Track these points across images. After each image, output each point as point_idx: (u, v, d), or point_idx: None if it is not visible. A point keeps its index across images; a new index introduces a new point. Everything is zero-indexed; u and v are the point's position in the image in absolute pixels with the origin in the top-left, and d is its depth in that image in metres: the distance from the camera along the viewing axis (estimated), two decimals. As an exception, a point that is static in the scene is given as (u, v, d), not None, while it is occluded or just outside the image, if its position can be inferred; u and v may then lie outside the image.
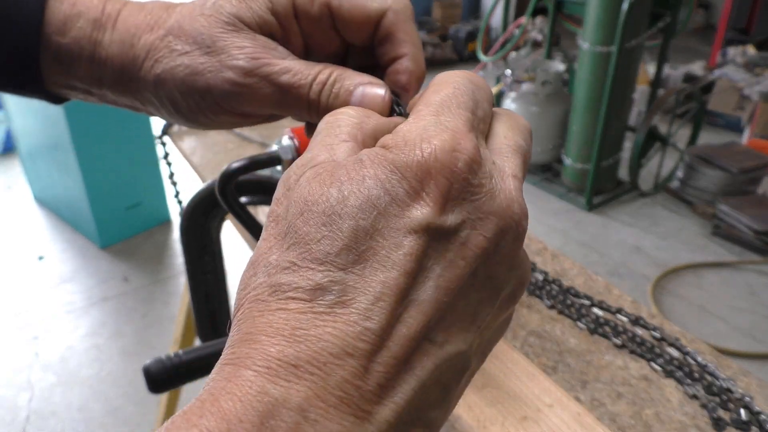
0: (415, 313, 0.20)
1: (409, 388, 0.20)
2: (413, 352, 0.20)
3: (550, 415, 0.52)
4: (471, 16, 6.59)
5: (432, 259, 0.21)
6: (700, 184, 3.18)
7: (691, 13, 3.27)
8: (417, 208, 0.21)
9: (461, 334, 0.21)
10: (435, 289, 0.21)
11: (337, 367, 0.19)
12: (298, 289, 0.20)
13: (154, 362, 0.56)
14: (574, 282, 0.78)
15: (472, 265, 0.21)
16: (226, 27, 0.31)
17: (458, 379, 0.22)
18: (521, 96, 3.35)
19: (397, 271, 0.20)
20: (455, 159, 0.21)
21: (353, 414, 0.19)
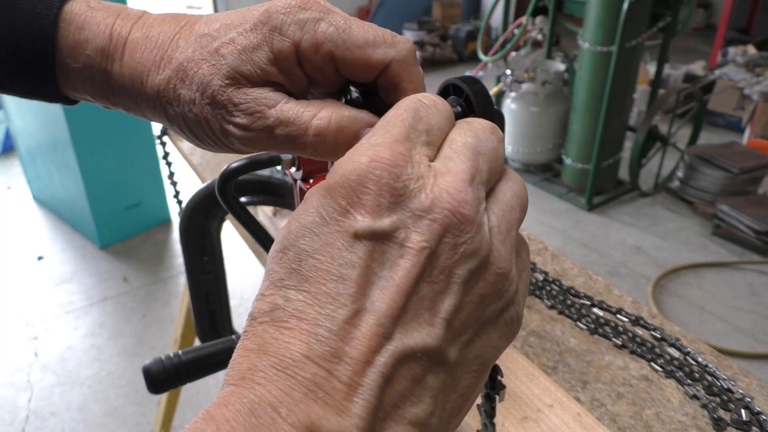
0: (366, 315, 0.22)
1: (375, 384, 0.21)
2: (371, 351, 0.22)
3: (551, 416, 0.52)
4: (471, 16, 6.59)
5: (375, 262, 0.23)
6: (701, 184, 3.18)
7: (691, 13, 3.27)
8: (349, 219, 0.23)
9: (422, 328, 0.22)
10: (382, 290, 0.22)
11: (300, 369, 0.21)
12: (263, 312, 0.23)
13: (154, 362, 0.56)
14: (575, 282, 0.78)
15: (415, 262, 0.22)
16: (225, 80, 0.32)
17: (436, 374, 0.23)
18: (521, 96, 3.35)
19: (340, 281, 0.22)
20: (374, 168, 0.23)
21: (325, 407, 0.21)
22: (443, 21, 6.18)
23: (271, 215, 0.85)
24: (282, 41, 0.31)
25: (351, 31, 0.30)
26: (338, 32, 0.30)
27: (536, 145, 3.42)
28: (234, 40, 0.32)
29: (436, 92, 0.54)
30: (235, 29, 0.32)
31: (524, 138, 3.41)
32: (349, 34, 0.30)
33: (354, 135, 0.31)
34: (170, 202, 3.02)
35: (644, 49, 3.31)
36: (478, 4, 6.65)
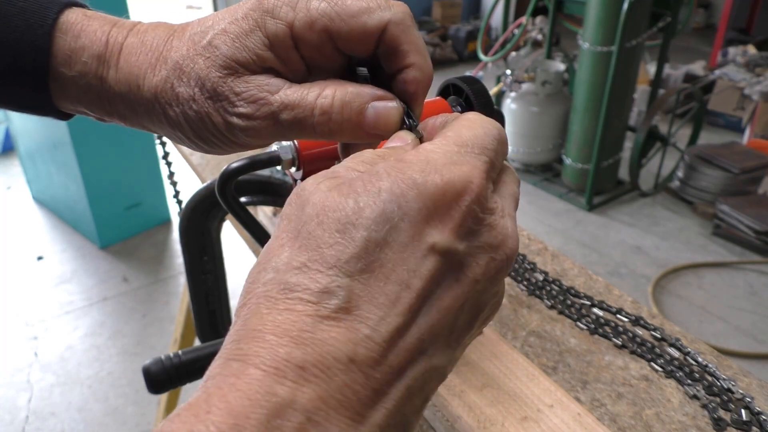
0: (414, 328, 0.22)
1: (399, 395, 0.21)
2: (408, 362, 0.22)
3: (551, 416, 0.52)
4: (471, 16, 6.58)
5: (439, 281, 0.23)
6: (701, 184, 3.17)
7: (691, 13, 3.26)
8: (433, 230, 0.22)
9: (447, 350, 0.23)
10: (432, 307, 0.22)
11: (341, 372, 0.20)
12: (306, 290, 0.21)
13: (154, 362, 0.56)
14: (575, 282, 0.78)
15: (467, 291, 0.23)
16: (223, 71, 0.31)
17: (435, 389, 0.24)
18: (521, 96, 3.35)
19: (404, 288, 0.22)
20: (470, 191, 0.23)
21: (350, 417, 0.20)
22: (443, 21, 6.18)
23: (271, 215, 0.85)
24: (275, 24, 0.31)
25: (344, 2, 0.30)
26: (331, 6, 0.30)
27: (536, 145, 3.42)
28: (226, 30, 0.31)
29: (436, 92, 0.54)
30: (226, 20, 0.32)
31: (524, 138, 3.41)
32: (342, 6, 0.30)
33: (359, 111, 0.30)
34: (170, 202, 3.02)
35: (644, 49, 3.31)
36: (478, 4, 6.65)
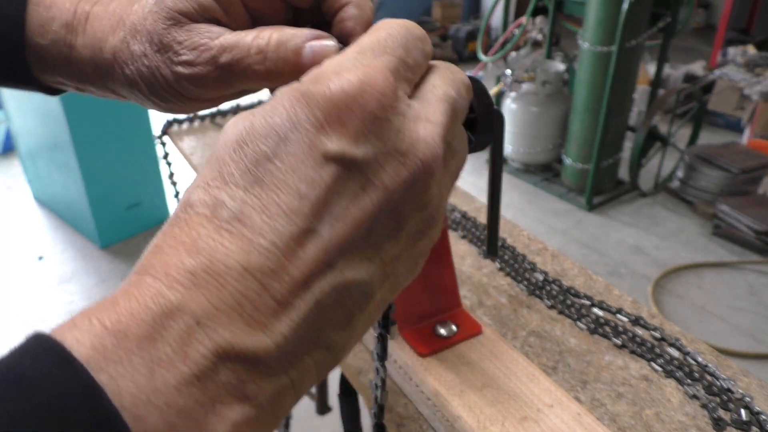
0: (316, 239, 0.21)
1: (307, 308, 0.21)
2: (312, 274, 0.21)
3: (551, 416, 0.52)
4: (471, 16, 6.59)
5: (336, 189, 0.22)
6: (701, 184, 3.17)
7: (691, 13, 3.26)
8: (326, 138, 0.22)
9: (363, 264, 0.22)
10: (337, 219, 0.22)
11: (233, 280, 0.20)
12: (203, 204, 0.22)
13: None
14: (574, 282, 0.78)
15: (375, 200, 0.22)
16: (167, 22, 0.33)
17: (361, 306, 0.23)
18: (521, 96, 3.35)
19: (296, 196, 0.21)
20: (364, 93, 0.22)
21: (246, 323, 0.20)
22: (443, 21, 6.18)
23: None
24: None
25: None
26: None
27: (536, 145, 3.42)
28: None
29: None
30: None
31: (524, 138, 3.41)
32: None
33: (296, 50, 0.30)
34: (170, 202, 3.02)
35: (644, 49, 3.31)
36: (478, 4, 6.65)
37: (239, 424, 0.20)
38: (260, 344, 0.20)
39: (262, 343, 0.20)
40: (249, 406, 0.20)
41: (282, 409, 0.22)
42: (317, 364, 0.22)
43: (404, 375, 0.59)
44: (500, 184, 0.63)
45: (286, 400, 0.22)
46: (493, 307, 0.73)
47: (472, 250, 0.84)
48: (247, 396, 0.20)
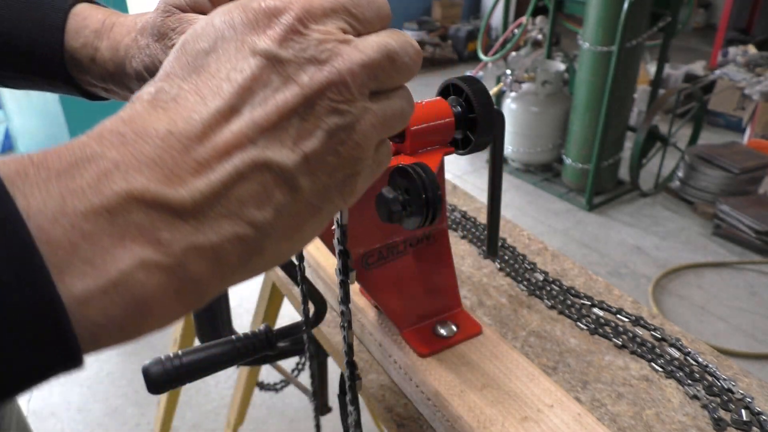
0: (240, 117, 0.24)
1: (225, 173, 0.23)
2: (234, 146, 0.24)
3: (551, 416, 0.52)
4: (471, 15, 6.58)
5: (261, 79, 0.25)
6: (701, 184, 3.17)
7: (691, 13, 3.26)
8: (256, 37, 0.25)
9: (284, 150, 0.25)
10: (260, 103, 0.25)
11: (158, 139, 0.23)
12: (148, 93, 0.25)
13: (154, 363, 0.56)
14: (575, 282, 0.78)
15: (296, 95, 0.25)
16: (164, 14, 0.41)
17: (284, 193, 0.25)
18: (521, 96, 3.35)
19: (225, 80, 0.25)
20: (293, 7, 0.26)
21: (164, 175, 0.22)
22: (443, 21, 6.18)
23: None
24: None
25: None
26: None
27: (536, 145, 3.42)
28: None
29: (436, 92, 0.54)
30: None
31: (524, 138, 3.41)
32: None
33: None
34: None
35: (644, 49, 3.30)
36: (478, 4, 6.65)
37: (147, 265, 0.21)
38: (175, 194, 0.22)
39: (178, 194, 0.22)
40: (160, 253, 0.22)
41: (198, 271, 0.23)
42: (240, 239, 0.24)
43: (404, 375, 0.59)
44: (500, 184, 0.63)
45: (202, 262, 0.23)
46: (493, 307, 0.73)
47: (472, 250, 0.84)
48: (160, 242, 0.22)
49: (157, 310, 0.22)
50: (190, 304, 0.24)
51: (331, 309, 0.73)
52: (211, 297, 0.25)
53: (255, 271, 0.26)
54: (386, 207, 0.43)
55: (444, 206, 0.54)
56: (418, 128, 0.49)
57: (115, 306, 0.21)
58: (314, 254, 0.76)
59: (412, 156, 0.50)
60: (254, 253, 0.25)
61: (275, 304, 1.23)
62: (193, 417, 1.99)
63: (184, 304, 0.23)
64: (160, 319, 0.23)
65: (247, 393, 1.47)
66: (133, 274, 0.21)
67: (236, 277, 0.26)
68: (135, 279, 0.21)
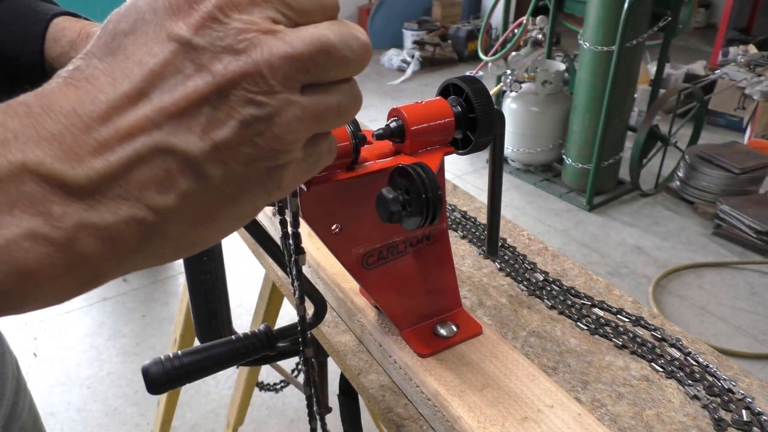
0: (147, 101, 0.24)
1: (125, 155, 0.23)
2: (137, 129, 0.24)
3: (551, 416, 0.52)
4: (471, 15, 6.58)
5: (174, 65, 0.25)
6: (701, 184, 3.17)
7: (692, 13, 3.26)
8: (173, 23, 0.25)
9: (190, 137, 0.25)
10: (170, 89, 0.24)
11: (62, 116, 0.23)
12: (66, 71, 0.25)
13: (153, 363, 0.56)
14: (575, 282, 0.78)
15: (205, 82, 0.25)
16: None
17: (189, 181, 0.25)
18: (521, 96, 3.35)
19: (138, 64, 0.25)
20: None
21: (61, 150, 0.22)
22: (443, 21, 6.18)
23: (271, 215, 0.85)
24: None
25: None
26: None
27: (536, 145, 3.42)
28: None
29: (436, 92, 0.54)
30: None
31: (524, 138, 3.41)
32: None
33: None
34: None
35: (645, 49, 3.30)
36: (478, 3, 6.65)
37: (34, 235, 0.22)
38: (70, 171, 0.22)
39: (73, 171, 0.22)
40: (49, 226, 0.22)
41: (90, 249, 0.23)
42: (138, 222, 0.24)
43: (404, 375, 0.59)
44: (500, 184, 0.63)
45: (94, 241, 0.23)
46: (494, 307, 0.73)
47: (472, 250, 0.84)
48: (51, 215, 0.22)
49: (45, 283, 0.23)
50: (83, 281, 0.24)
51: (331, 309, 0.73)
52: (110, 277, 0.25)
53: (160, 256, 0.26)
54: (386, 207, 0.43)
55: (444, 206, 0.54)
56: (418, 128, 0.49)
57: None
58: (314, 254, 0.75)
59: (412, 156, 0.50)
60: (154, 237, 0.25)
61: (275, 304, 1.23)
62: (193, 417, 1.99)
63: (77, 281, 0.24)
64: (51, 293, 0.23)
65: (247, 393, 1.47)
66: (18, 241, 0.21)
67: (137, 260, 0.26)
68: (19, 246, 0.21)
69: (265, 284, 1.22)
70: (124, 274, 0.26)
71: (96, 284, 0.25)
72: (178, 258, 0.28)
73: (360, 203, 0.51)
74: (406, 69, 5.45)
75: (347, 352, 0.66)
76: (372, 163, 0.49)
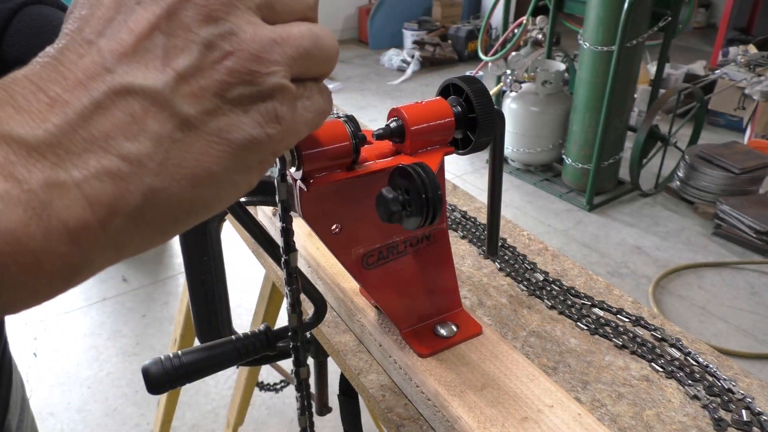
0: (93, 48, 0.23)
1: (81, 105, 0.22)
2: (88, 77, 0.23)
3: (551, 416, 0.52)
4: (471, 15, 6.58)
5: (116, 8, 0.24)
6: (701, 184, 3.17)
7: (692, 13, 3.26)
8: None
9: (149, 72, 0.23)
10: (115, 30, 0.23)
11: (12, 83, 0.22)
12: None
13: (153, 363, 0.56)
14: (575, 282, 0.78)
15: (152, 10, 0.24)
16: None
17: (159, 120, 0.23)
18: (521, 96, 3.35)
19: (87, 20, 0.24)
20: None
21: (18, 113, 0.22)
22: (443, 21, 6.18)
23: (271, 215, 0.85)
24: None
25: None
26: None
27: (536, 145, 3.42)
28: None
29: (436, 92, 0.54)
30: None
31: (524, 138, 3.41)
32: None
33: None
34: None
35: (645, 49, 3.30)
36: (478, 3, 6.65)
37: (5, 196, 0.20)
38: (28, 129, 0.21)
39: (31, 128, 0.21)
40: (18, 189, 0.21)
41: (65, 210, 0.22)
42: (111, 174, 0.22)
43: (404, 375, 0.59)
44: (500, 184, 0.63)
45: (67, 200, 0.22)
46: (494, 307, 0.73)
47: (472, 250, 0.84)
48: (16, 177, 0.21)
49: (23, 256, 0.21)
50: (70, 260, 0.22)
51: (331, 309, 0.73)
52: (103, 256, 0.23)
53: (158, 225, 0.24)
54: (386, 207, 0.43)
55: (444, 206, 0.54)
56: (418, 128, 0.49)
57: None
58: (314, 254, 0.75)
59: (412, 156, 0.50)
60: (139, 196, 0.23)
61: (275, 304, 1.23)
62: (192, 417, 1.99)
63: (61, 258, 0.22)
64: (32, 270, 0.21)
65: (247, 393, 1.47)
66: None
67: (131, 233, 0.24)
68: None
69: (265, 284, 1.22)
70: (123, 253, 0.24)
71: (87, 267, 0.23)
72: (181, 225, 0.25)
73: (360, 203, 0.51)
74: (406, 69, 5.45)
75: (347, 352, 0.66)
76: (372, 163, 0.49)
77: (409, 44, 5.86)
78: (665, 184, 3.40)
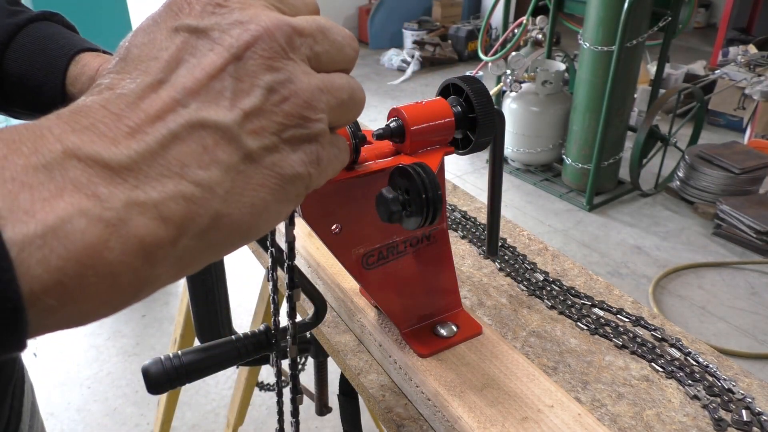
0: (168, 85, 0.26)
1: (160, 135, 0.24)
2: (165, 110, 0.25)
3: (551, 416, 0.52)
4: (471, 15, 6.58)
5: (187, 50, 0.26)
6: (701, 184, 3.17)
7: (692, 13, 3.26)
8: (176, 20, 0.27)
9: (219, 109, 0.26)
10: (188, 70, 0.26)
11: (91, 111, 0.24)
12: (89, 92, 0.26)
13: (153, 363, 0.56)
14: (575, 282, 0.78)
15: (222, 56, 0.26)
16: None
17: (228, 151, 0.26)
18: (521, 96, 3.35)
19: (153, 60, 0.26)
20: None
21: (99, 138, 0.23)
22: (443, 21, 6.18)
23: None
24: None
25: None
26: None
27: (536, 145, 3.42)
28: None
29: (436, 92, 0.54)
30: None
31: (524, 138, 3.41)
32: None
33: None
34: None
35: (645, 49, 3.30)
36: (478, 3, 6.65)
37: (88, 215, 0.22)
38: (109, 152, 0.23)
39: (113, 153, 0.23)
40: (100, 207, 0.22)
41: (142, 228, 0.23)
42: (185, 197, 0.25)
43: (404, 375, 0.59)
44: (500, 184, 0.63)
45: (145, 219, 0.23)
46: (494, 307, 0.73)
47: (472, 250, 0.84)
48: (98, 196, 0.23)
49: (104, 272, 0.22)
50: (142, 271, 0.24)
51: (331, 309, 0.73)
52: (166, 263, 0.25)
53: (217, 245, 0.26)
54: (386, 207, 0.43)
55: (444, 206, 0.54)
56: (418, 128, 0.49)
57: (54, 254, 0.21)
58: (314, 254, 0.75)
59: (412, 156, 0.50)
60: (206, 218, 0.25)
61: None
62: (192, 417, 1.99)
63: (135, 271, 0.23)
64: (111, 285, 0.23)
65: (247, 393, 1.47)
66: (72, 221, 0.22)
67: (194, 250, 0.25)
68: (74, 227, 0.22)
69: (265, 284, 1.22)
70: (185, 270, 0.26)
71: (154, 282, 0.25)
72: (234, 247, 0.28)
73: (360, 203, 0.51)
74: (406, 69, 5.45)
75: (347, 352, 0.66)
76: (372, 163, 0.49)
77: (409, 44, 5.86)
78: (665, 184, 3.40)
